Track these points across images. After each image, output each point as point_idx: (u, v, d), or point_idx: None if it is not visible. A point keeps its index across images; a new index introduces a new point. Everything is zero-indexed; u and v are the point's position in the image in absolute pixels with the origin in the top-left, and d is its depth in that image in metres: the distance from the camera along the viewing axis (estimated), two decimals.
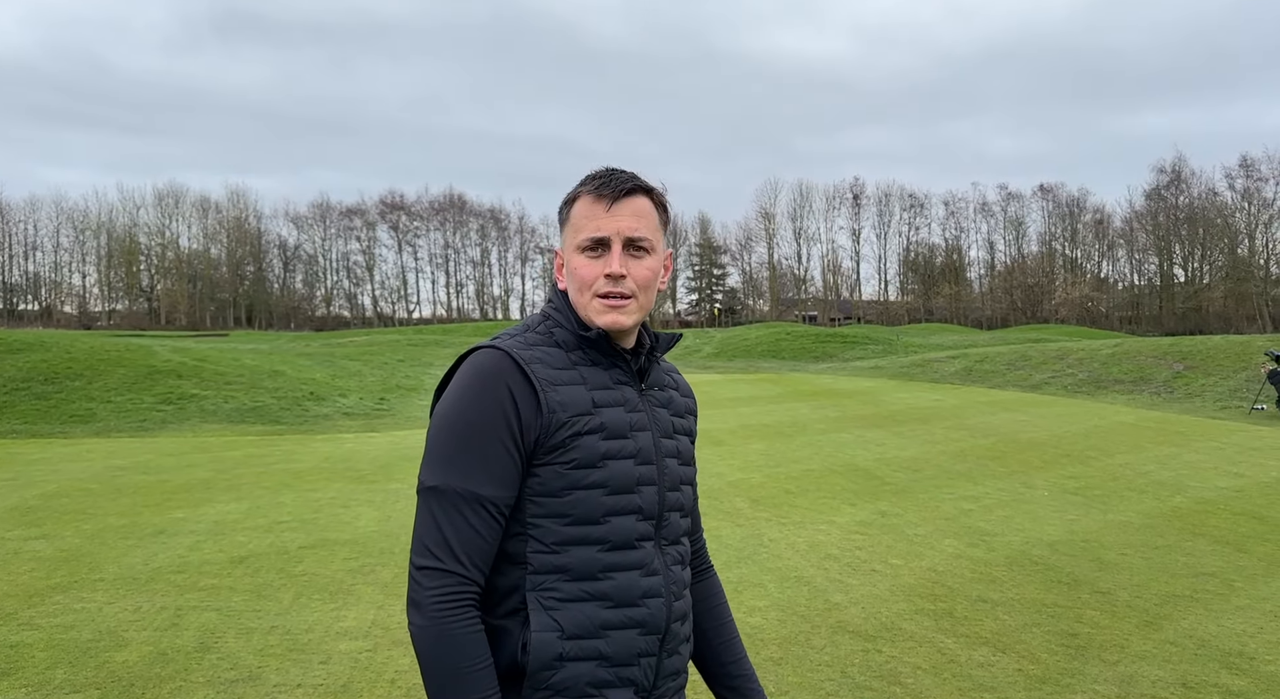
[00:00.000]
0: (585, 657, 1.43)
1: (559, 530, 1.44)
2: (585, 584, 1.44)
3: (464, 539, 1.38)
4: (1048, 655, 4.82)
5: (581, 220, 1.53)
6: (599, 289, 1.50)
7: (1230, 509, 8.48)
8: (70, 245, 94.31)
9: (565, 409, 1.44)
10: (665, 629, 1.51)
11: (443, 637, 1.35)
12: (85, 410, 13.46)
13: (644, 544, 1.50)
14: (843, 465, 10.85)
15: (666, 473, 1.54)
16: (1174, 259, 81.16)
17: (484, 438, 1.41)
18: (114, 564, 6.19)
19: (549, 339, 1.53)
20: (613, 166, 1.60)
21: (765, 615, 5.43)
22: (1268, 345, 18.55)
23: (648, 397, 1.57)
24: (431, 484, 1.41)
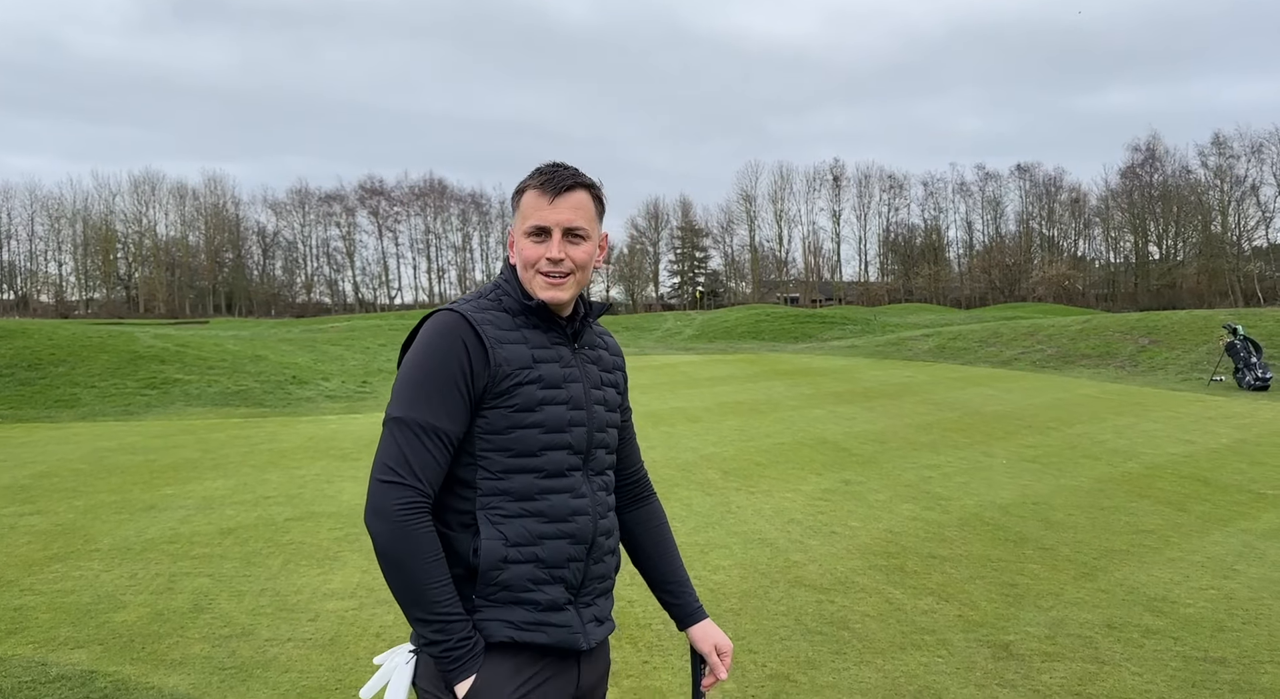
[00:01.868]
0: (525, 560, 1.73)
1: (503, 461, 1.75)
2: (525, 504, 1.75)
3: (421, 461, 1.68)
4: (987, 603, 5.20)
5: (529, 210, 1.82)
6: (541, 267, 1.80)
7: (1178, 473, 8.92)
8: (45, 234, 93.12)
9: (509, 363, 1.74)
10: (592, 541, 1.81)
11: (405, 537, 1.65)
12: (70, 395, 13.63)
13: (574, 473, 1.80)
14: (812, 439, 11.23)
15: (594, 417, 1.85)
16: (1149, 237, 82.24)
17: (442, 382, 1.71)
18: (108, 536, 6.45)
19: (498, 305, 1.83)
20: (558, 162, 1.89)
21: (728, 573, 5.78)
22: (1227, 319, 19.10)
23: (580, 354, 1.87)
24: (397, 415, 1.70)
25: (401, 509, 1.65)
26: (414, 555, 1.64)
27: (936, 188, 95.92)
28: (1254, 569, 5.80)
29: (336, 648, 4.46)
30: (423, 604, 1.65)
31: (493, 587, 1.71)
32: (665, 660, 4.38)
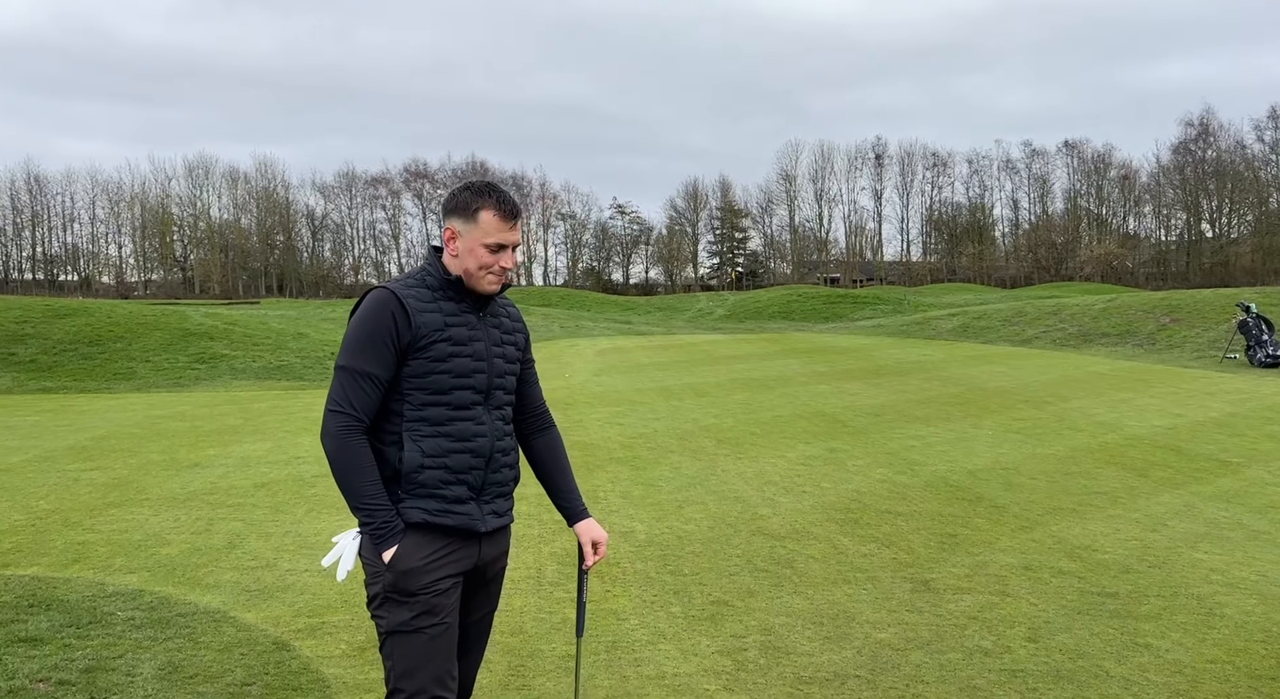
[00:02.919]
0: (436, 467, 2.40)
1: (422, 397, 2.41)
2: (438, 427, 2.41)
3: (358, 397, 2.35)
4: (923, 549, 5.78)
5: (491, 228, 2.43)
6: (494, 271, 2.45)
7: (1154, 443, 9.30)
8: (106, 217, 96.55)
9: (425, 327, 2.39)
10: (489, 456, 2.47)
11: (345, 450, 2.32)
12: (126, 369, 14.76)
13: (475, 407, 2.46)
14: (811, 412, 11.78)
15: (494, 366, 2.50)
16: (1201, 214, 79.95)
17: (375, 341, 2.36)
18: (156, 488, 7.35)
19: (422, 284, 2.48)
20: (499, 187, 2.53)
21: (698, 524, 6.43)
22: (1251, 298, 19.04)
23: (484, 320, 2.52)
24: (342, 364, 2.37)
25: (342, 430, 2.32)
26: (351, 463, 2.32)
27: (981, 165, 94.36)
28: (1183, 524, 6.28)
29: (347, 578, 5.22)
30: (358, 497, 2.32)
31: (413, 485, 2.38)
32: (624, 591, 5.06)
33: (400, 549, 2.33)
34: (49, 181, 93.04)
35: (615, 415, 11.62)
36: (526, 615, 4.63)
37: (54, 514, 6.60)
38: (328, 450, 2.33)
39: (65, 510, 6.70)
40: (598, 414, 11.71)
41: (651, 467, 8.42)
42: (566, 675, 3.93)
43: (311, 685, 3.80)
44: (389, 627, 2.30)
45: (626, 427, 10.68)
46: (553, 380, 15.81)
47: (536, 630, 4.44)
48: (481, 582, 2.50)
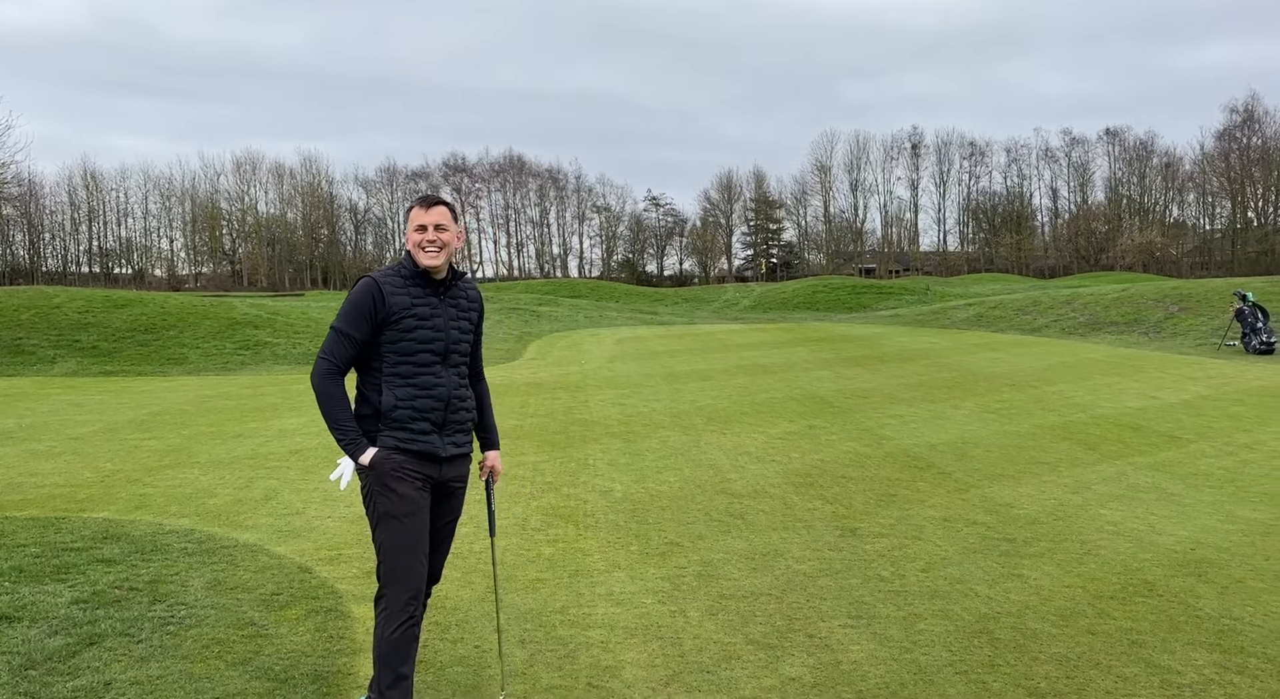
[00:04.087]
0: (406, 408, 3.29)
1: (394, 358, 3.30)
2: (407, 380, 3.30)
3: (340, 351, 3.24)
4: (860, 505, 6.59)
5: (414, 217, 3.33)
6: (422, 244, 3.34)
7: (1117, 422, 9.93)
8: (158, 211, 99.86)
9: (396, 306, 3.28)
10: (447, 401, 3.36)
11: (326, 387, 3.20)
12: (179, 354, 16.04)
13: (435, 365, 3.35)
14: (803, 394, 12.54)
15: (449, 335, 3.38)
16: (1247, 202, 78.21)
17: (358, 314, 3.26)
18: (205, 454, 8.44)
19: (398, 273, 3.36)
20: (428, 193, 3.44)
21: (671, 485, 7.30)
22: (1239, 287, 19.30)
23: (445, 300, 3.41)
24: (335, 326, 3.25)
25: (325, 373, 3.22)
26: (330, 397, 3.20)
27: (1020, 154, 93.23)
28: (1105, 488, 6.99)
29: (360, 523, 6.19)
30: (334, 421, 3.20)
31: (390, 421, 3.28)
32: (594, 535, 5.95)
33: (379, 457, 3.23)
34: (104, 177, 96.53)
35: (619, 397, 12.51)
36: (509, 551, 5.54)
37: (119, 473, 7.70)
38: (315, 386, 3.21)
39: (128, 470, 7.80)
40: (603, 396, 12.62)
41: (641, 440, 9.30)
42: (534, 593, 4.84)
43: (328, 596, 4.76)
44: (379, 512, 3.18)
45: (627, 407, 11.57)
46: (568, 366, 16.77)
47: (515, 562, 5.36)
48: (445, 494, 3.40)
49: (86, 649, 3.96)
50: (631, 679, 3.83)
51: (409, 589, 3.13)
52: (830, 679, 3.79)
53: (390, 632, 3.11)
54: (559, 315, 31.16)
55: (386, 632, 3.12)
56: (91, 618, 4.30)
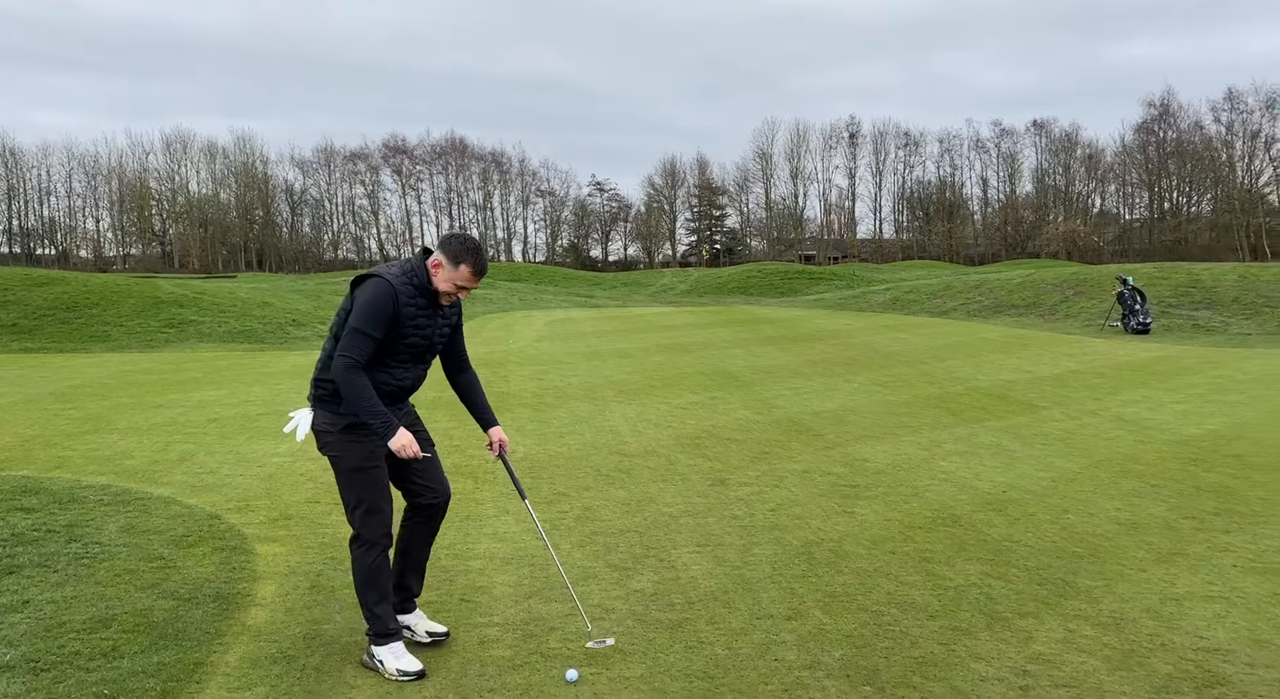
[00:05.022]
0: (382, 387, 3.79)
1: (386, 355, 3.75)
2: (384, 369, 3.77)
3: (362, 350, 3.67)
4: (736, 462, 7.30)
5: (463, 277, 3.61)
6: (455, 293, 3.75)
7: (987, 393, 10.87)
8: (83, 190, 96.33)
9: (405, 316, 3.74)
10: (410, 388, 3.88)
11: (354, 381, 3.60)
12: (101, 332, 16.06)
13: (410, 363, 3.84)
14: (713, 370, 13.29)
15: (431, 340, 3.87)
16: (1162, 193, 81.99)
17: (380, 317, 3.69)
18: (124, 422, 8.78)
19: (410, 282, 3.79)
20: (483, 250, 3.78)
21: (570, 447, 7.92)
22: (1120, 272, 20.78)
23: (437, 314, 3.90)
24: (358, 328, 3.61)
25: (349, 368, 3.62)
26: (359, 390, 3.62)
27: (952, 145, 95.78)
28: (952, 445, 7.84)
29: (271, 480, 6.69)
30: (369, 411, 3.65)
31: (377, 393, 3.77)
32: (490, 488, 6.54)
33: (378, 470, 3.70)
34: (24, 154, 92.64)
35: (539, 373, 13.09)
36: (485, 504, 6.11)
37: (38, 438, 8.02)
38: (342, 380, 3.56)
39: (47, 436, 8.12)
40: (523, 371, 13.19)
41: (551, 409, 9.91)
42: (500, 543, 5.37)
43: (234, 537, 5.27)
44: (348, 468, 3.64)
45: (544, 381, 12.16)
46: (494, 345, 17.26)
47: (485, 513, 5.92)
48: None
49: (5, 577, 4.43)
50: (499, 595, 4.46)
51: (381, 526, 3.64)
52: (667, 589, 4.47)
53: (370, 562, 3.62)
54: (494, 298, 31.49)
55: (366, 563, 3.61)
56: (10, 554, 4.75)
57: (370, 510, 3.62)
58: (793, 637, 3.92)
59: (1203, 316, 18.35)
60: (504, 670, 3.65)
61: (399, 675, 3.55)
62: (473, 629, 4.04)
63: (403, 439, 3.55)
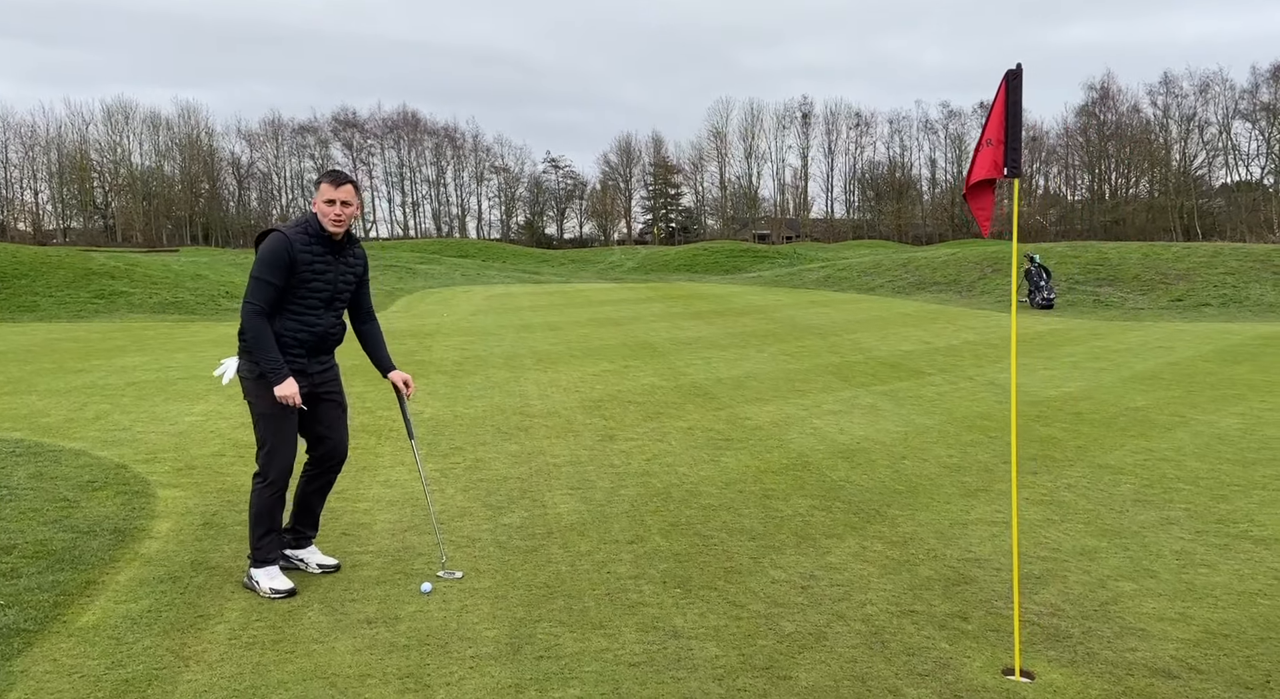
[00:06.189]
0: (289, 337, 4.16)
1: (294, 302, 4.15)
2: (295, 316, 4.17)
3: (263, 295, 4.07)
4: (630, 421, 7.84)
5: (324, 191, 4.14)
6: (330, 216, 4.20)
7: (882, 362, 11.57)
8: (20, 161, 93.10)
9: (301, 261, 4.14)
10: (323, 335, 4.27)
11: (256, 326, 3.99)
12: (30, 302, 16.05)
13: (319, 309, 4.24)
14: (636, 342, 13.83)
15: (336, 286, 4.27)
16: (1103, 175, 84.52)
17: (277, 264, 4.09)
18: (44, 385, 9.03)
19: (305, 231, 4.19)
20: (337, 170, 4.22)
21: (477, 409, 8.39)
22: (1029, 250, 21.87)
23: (339, 259, 4.30)
24: (256, 275, 4.02)
25: (254, 313, 4.02)
26: (260, 335, 4.02)
27: (902, 126, 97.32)
28: (832, 406, 8.48)
29: (182, 436, 7.07)
30: (264, 355, 4.04)
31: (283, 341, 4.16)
32: (390, 445, 6.99)
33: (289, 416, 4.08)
34: None
35: (464, 343, 13.51)
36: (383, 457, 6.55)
37: None
38: (245, 324, 4.00)
39: None
40: (449, 342, 13.59)
41: (467, 376, 10.36)
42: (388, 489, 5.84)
43: (138, 484, 5.67)
44: (259, 412, 4.05)
45: (467, 351, 12.59)
46: (427, 319, 17.60)
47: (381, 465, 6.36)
48: (318, 398, 4.25)
49: None
50: (379, 530, 4.95)
51: (281, 467, 4.04)
52: (532, 523, 5.01)
53: (266, 499, 4.04)
54: (436, 273, 31.65)
55: (263, 499, 4.04)
56: None
57: (272, 452, 4.04)
58: (629, 556, 4.48)
59: (1104, 292, 19.43)
60: (368, 586, 4.15)
61: (271, 594, 4.03)
62: (347, 556, 4.53)
63: (287, 389, 3.94)
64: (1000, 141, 3.00)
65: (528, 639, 3.56)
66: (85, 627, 3.63)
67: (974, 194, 3.05)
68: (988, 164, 3.01)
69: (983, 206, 3.03)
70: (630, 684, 3.17)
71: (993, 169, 3.01)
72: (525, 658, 3.39)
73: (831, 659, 3.32)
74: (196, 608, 3.87)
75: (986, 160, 3.01)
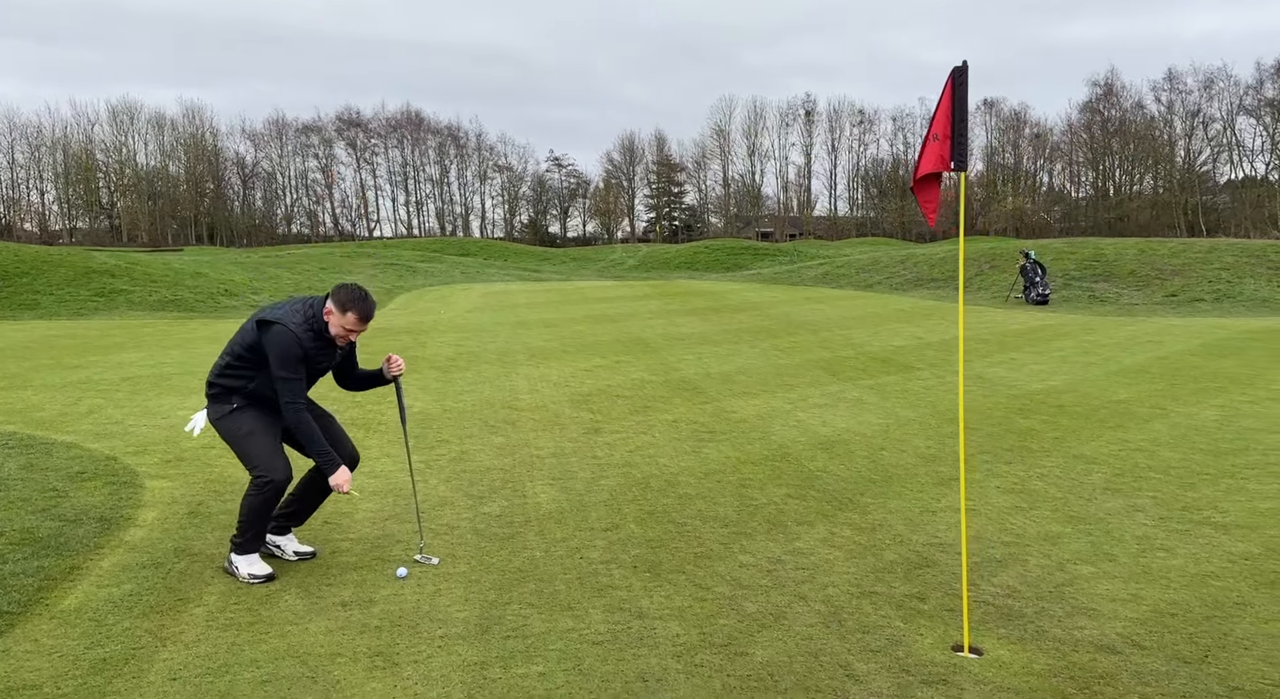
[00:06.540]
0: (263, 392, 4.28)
1: None
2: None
3: (299, 390, 4.14)
4: (616, 414, 7.93)
5: (353, 322, 4.16)
6: (343, 340, 4.28)
7: (873, 357, 11.65)
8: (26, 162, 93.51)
9: (309, 355, 4.29)
10: None
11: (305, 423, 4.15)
12: (31, 300, 16.20)
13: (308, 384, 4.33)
14: (629, 338, 13.92)
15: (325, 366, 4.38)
16: (1107, 171, 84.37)
17: (297, 361, 4.18)
18: (40, 380, 9.16)
19: (311, 328, 4.31)
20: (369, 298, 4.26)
21: (466, 403, 8.49)
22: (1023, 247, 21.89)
23: (335, 351, 4.41)
24: (285, 376, 4.14)
25: (300, 411, 4.17)
26: (311, 431, 4.18)
27: (905, 123, 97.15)
28: (817, 399, 8.56)
29: (173, 430, 7.17)
30: (318, 451, 4.19)
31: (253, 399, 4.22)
32: (380, 438, 7.08)
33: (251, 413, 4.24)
34: None
35: (459, 339, 13.62)
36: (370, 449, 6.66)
37: None
38: (295, 424, 4.16)
39: None
40: (444, 338, 13.70)
41: (459, 371, 10.46)
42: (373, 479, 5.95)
43: (127, 475, 5.78)
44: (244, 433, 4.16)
45: (461, 347, 12.70)
46: (424, 316, 17.71)
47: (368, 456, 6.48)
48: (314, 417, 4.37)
49: None
50: (360, 519, 5.05)
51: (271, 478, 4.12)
52: (512, 511, 5.11)
53: (258, 501, 4.14)
54: (437, 272, 31.79)
55: (256, 499, 4.14)
56: None
57: (264, 465, 4.15)
58: (603, 542, 4.58)
59: (1100, 288, 19.47)
60: (346, 571, 4.26)
61: (250, 579, 4.14)
62: (328, 543, 4.64)
63: (340, 478, 4.17)
64: (946, 136, 3.09)
65: (497, 620, 3.66)
66: (67, 610, 3.74)
67: (921, 187, 3.13)
68: (934, 158, 3.09)
69: (929, 198, 3.12)
70: (592, 661, 3.27)
71: (939, 163, 3.10)
72: (493, 637, 3.49)
73: (788, 637, 3.42)
74: (177, 592, 3.98)
75: (933, 154, 3.10)
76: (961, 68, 3.11)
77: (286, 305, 4.30)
